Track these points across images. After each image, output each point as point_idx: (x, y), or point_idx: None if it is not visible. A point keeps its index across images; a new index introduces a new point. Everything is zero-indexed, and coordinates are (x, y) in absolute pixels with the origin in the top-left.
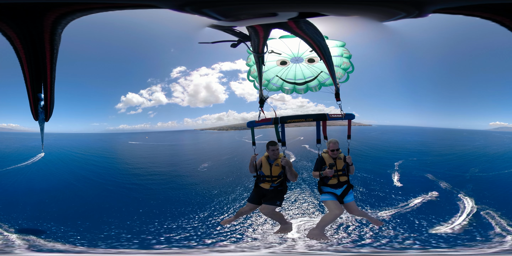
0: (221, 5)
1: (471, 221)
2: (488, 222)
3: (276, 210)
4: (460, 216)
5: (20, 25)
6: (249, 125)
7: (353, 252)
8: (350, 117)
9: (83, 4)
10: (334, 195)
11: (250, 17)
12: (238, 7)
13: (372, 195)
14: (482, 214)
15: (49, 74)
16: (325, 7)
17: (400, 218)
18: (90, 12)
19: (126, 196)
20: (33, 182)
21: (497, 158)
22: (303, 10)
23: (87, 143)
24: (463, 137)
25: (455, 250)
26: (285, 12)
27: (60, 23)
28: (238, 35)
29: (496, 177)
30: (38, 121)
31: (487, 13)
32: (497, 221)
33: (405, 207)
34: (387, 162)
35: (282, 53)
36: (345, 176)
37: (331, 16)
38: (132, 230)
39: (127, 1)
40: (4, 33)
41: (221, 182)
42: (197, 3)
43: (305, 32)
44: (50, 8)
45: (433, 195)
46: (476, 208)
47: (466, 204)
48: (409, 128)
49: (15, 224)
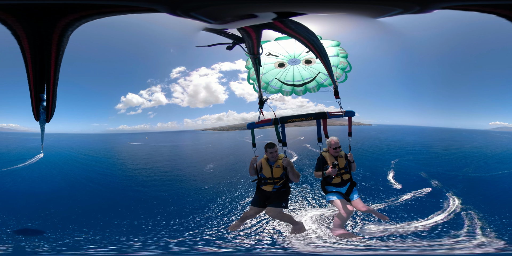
0: (204, 7)
1: (448, 219)
2: (462, 222)
3: (284, 211)
4: (439, 215)
5: (33, 25)
6: (249, 127)
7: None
8: (350, 114)
9: (111, 6)
10: (339, 194)
11: (235, 19)
12: (220, 9)
13: (367, 190)
14: (462, 215)
15: (53, 75)
16: (307, 6)
17: (386, 211)
18: (103, 16)
19: (133, 200)
20: (32, 183)
21: (493, 159)
22: (282, 9)
23: (87, 144)
24: (461, 137)
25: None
26: (264, 12)
27: (72, 25)
28: (231, 38)
29: (489, 178)
30: (39, 122)
31: (500, 8)
32: (472, 222)
33: (394, 201)
34: (384, 161)
35: (279, 55)
36: (348, 174)
37: (321, 14)
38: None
39: (126, 3)
40: (14, 32)
41: (233, 183)
42: (184, 7)
43: (296, 32)
44: (72, 11)
45: (423, 193)
46: (460, 208)
47: (451, 203)
48: (409, 127)
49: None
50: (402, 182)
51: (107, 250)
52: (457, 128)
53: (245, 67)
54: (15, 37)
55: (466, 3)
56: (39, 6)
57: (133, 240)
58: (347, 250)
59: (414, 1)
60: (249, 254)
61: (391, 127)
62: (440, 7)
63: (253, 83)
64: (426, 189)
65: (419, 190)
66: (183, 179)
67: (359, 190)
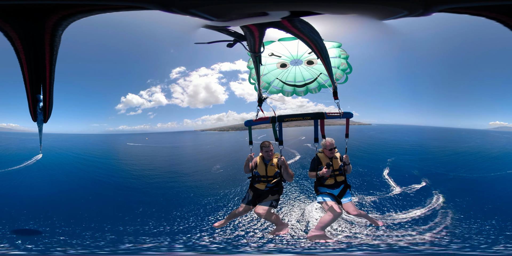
0: (207, 4)
1: (423, 215)
2: (433, 219)
3: (272, 211)
4: (419, 209)
5: (22, 26)
6: (246, 124)
7: (351, 251)
8: (348, 115)
9: (87, 5)
10: (331, 196)
11: (241, 17)
12: (227, 7)
13: (363, 184)
14: (439, 212)
15: (48, 75)
16: (320, 6)
17: (376, 203)
18: (91, 14)
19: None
20: (30, 185)
21: (488, 160)
22: (296, 9)
23: (86, 145)
24: (460, 137)
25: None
26: (276, 11)
27: (61, 24)
28: (233, 35)
29: (479, 179)
30: (36, 122)
31: (495, 13)
32: (444, 221)
33: (384, 195)
34: (381, 159)
35: (281, 55)
36: (342, 175)
37: (327, 15)
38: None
39: (117, 2)
40: (6, 33)
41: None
42: (182, 4)
43: (301, 31)
44: (54, 10)
45: (412, 189)
46: (440, 206)
47: (434, 200)
48: (409, 127)
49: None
50: (395, 178)
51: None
52: (457, 128)
53: (247, 67)
54: (8, 39)
55: (460, 5)
56: (23, 6)
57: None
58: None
59: (419, 4)
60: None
61: (391, 127)
62: (437, 10)
63: (254, 83)
64: (415, 186)
65: (409, 186)
66: (193, 180)
67: (352, 193)
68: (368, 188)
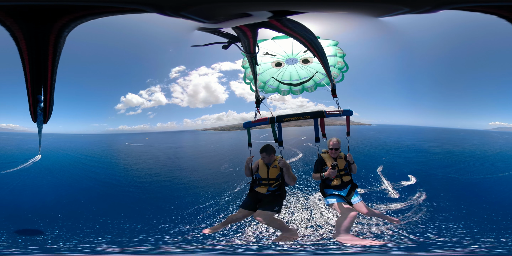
0: (194, 5)
1: (399, 209)
2: (404, 213)
3: (275, 216)
4: (398, 203)
5: (30, 26)
6: (245, 126)
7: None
8: (348, 113)
9: (101, 8)
10: (340, 197)
11: (228, 18)
12: (211, 8)
13: (358, 179)
14: (414, 208)
15: (50, 76)
16: (302, 5)
17: (366, 194)
18: (95, 17)
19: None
20: (28, 188)
21: (481, 161)
22: (276, 8)
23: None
24: (458, 137)
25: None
26: (258, 11)
27: (68, 26)
28: (226, 37)
29: (467, 181)
30: (36, 123)
31: (503, 10)
32: (411, 215)
33: (374, 188)
34: (376, 157)
35: (276, 54)
36: (348, 175)
37: (320, 13)
38: None
39: (114, 4)
40: (12, 33)
41: None
42: (173, 6)
43: (293, 30)
44: (67, 12)
45: (399, 185)
46: (419, 203)
47: (416, 197)
48: (408, 127)
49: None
50: (386, 175)
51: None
52: (456, 128)
53: (242, 66)
54: (13, 39)
55: (474, 4)
56: (35, 7)
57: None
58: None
59: (425, 1)
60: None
61: (390, 127)
62: (449, 8)
63: (250, 83)
64: (403, 182)
65: (397, 182)
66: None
67: (360, 193)
68: (363, 182)
